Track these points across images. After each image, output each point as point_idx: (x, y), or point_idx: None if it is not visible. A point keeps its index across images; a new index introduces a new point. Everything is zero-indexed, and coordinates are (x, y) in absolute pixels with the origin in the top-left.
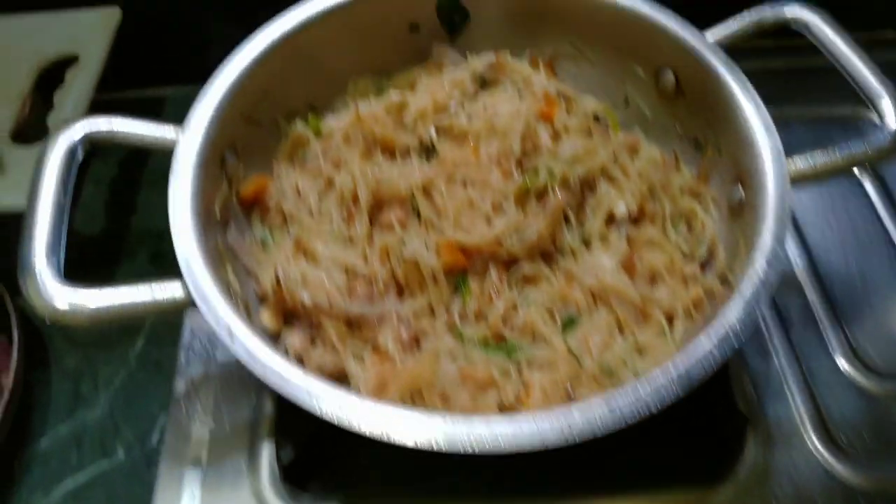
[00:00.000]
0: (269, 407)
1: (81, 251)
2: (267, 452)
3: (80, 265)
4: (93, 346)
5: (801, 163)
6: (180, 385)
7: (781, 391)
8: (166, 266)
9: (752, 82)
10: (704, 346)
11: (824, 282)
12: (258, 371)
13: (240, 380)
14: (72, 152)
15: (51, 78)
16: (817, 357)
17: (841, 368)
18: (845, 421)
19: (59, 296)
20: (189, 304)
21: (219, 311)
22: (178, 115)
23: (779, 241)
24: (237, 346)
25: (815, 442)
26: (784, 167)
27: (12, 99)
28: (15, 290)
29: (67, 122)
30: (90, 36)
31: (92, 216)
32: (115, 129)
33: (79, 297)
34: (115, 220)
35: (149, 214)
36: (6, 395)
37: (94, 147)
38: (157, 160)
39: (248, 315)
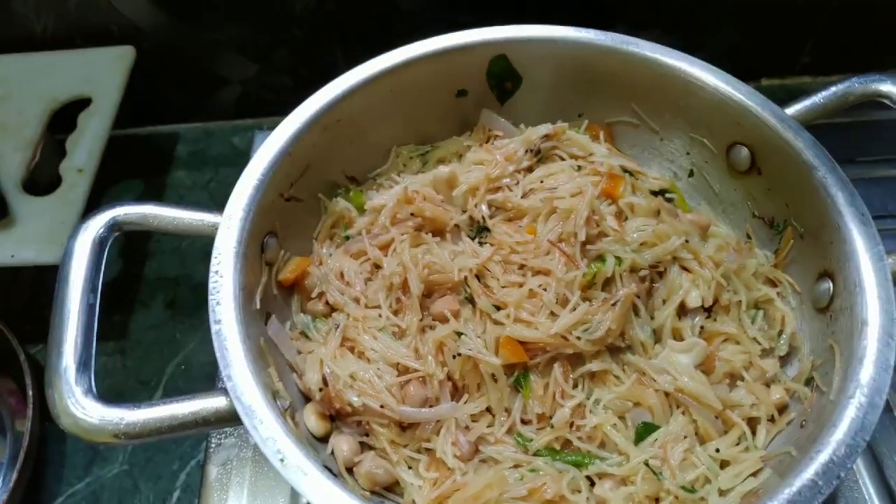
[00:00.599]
0: (304, 501)
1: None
2: None
3: None
4: (111, 398)
5: None
6: (212, 472)
7: None
8: (182, 315)
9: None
10: (808, 475)
11: None
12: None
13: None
14: (100, 245)
15: (63, 121)
16: None
17: None
18: None
19: (92, 415)
20: (234, 419)
21: (269, 432)
22: (189, 153)
23: (885, 359)
24: (289, 473)
25: None
26: (887, 270)
27: (23, 145)
28: (25, 338)
29: (94, 213)
30: (103, 77)
31: (106, 263)
32: (149, 214)
33: (113, 415)
34: (128, 267)
35: (162, 260)
36: (21, 455)
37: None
38: (168, 201)
39: (293, 416)
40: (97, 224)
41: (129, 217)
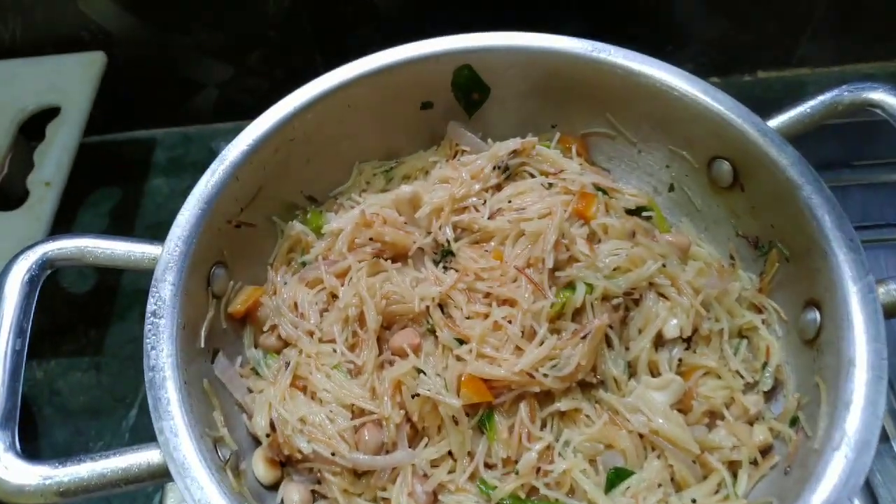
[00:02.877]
0: None
1: (69, 314)
2: None
3: (68, 329)
4: (83, 416)
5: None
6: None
7: None
8: None
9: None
10: None
11: None
12: None
13: None
14: (30, 284)
15: (32, 130)
16: None
17: None
18: None
19: (16, 475)
20: (168, 475)
21: (201, 494)
22: (167, 159)
23: (873, 407)
24: None
25: None
26: (877, 304)
27: None
28: None
29: (25, 250)
30: (73, 84)
31: (80, 274)
32: (83, 248)
33: (37, 475)
34: (105, 280)
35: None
36: None
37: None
38: (146, 209)
39: (236, 466)
40: (27, 262)
41: (62, 253)
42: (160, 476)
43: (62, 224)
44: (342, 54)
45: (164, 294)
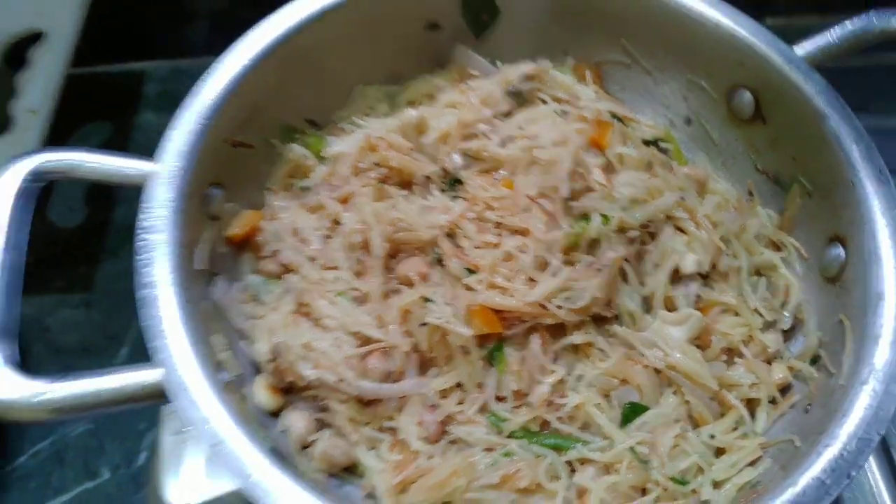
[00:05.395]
0: None
1: (58, 248)
2: None
3: (57, 264)
4: (75, 353)
5: None
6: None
7: None
8: None
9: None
10: (814, 473)
11: None
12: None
13: None
14: (24, 197)
15: (13, 58)
16: None
17: None
18: None
19: (13, 389)
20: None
21: (203, 412)
22: (157, 93)
23: None
24: (226, 460)
25: None
26: None
27: None
28: None
29: (13, 160)
30: (58, 9)
31: (69, 208)
32: (76, 162)
33: (35, 389)
34: (95, 214)
35: (132, 206)
36: None
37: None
38: (136, 143)
39: (239, 390)
40: (19, 173)
41: (54, 165)
42: (156, 397)
43: None
44: None
45: (158, 210)
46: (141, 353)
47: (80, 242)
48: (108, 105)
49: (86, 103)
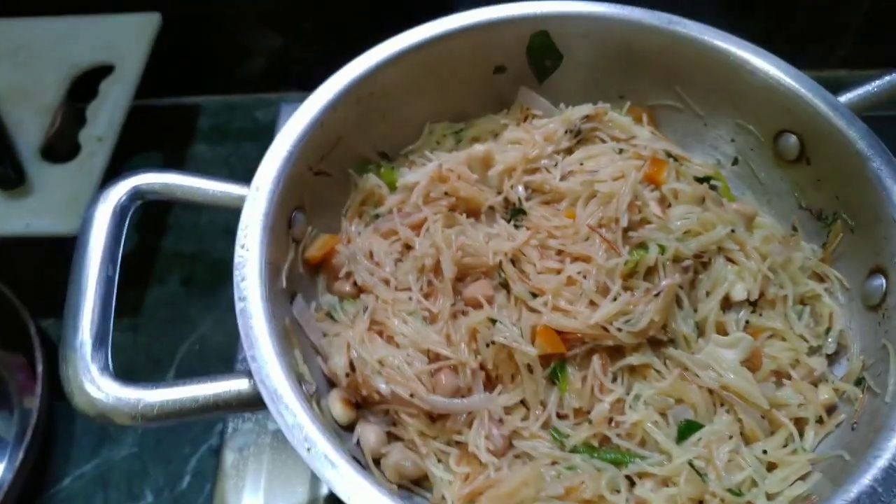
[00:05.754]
0: (326, 490)
1: None
2: None
3: None
4: (122, 375)
5: None
6: (229, 458)
7: None
8: (198, 292)
9: None
10: (866, 481)
11: None
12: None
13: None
14: (121, 214)
15: (83, 88)
16: None
17: None
18: None
19: (109, 395)
20: (257, 404)
21: (295, 419)
22: (210, 126)
23: None
24: (316, 463)
25: None
26: None
27: (42, 111)
28: (37, 311)
29: (116, 180)
30: (127, 43)
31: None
32: (173, 183)
33: (130, 395)
34: (145, 241)
35: (180, 235)
36: (29, 431)
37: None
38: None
39: (318, 402)
40: (119, 192)
41: (152, 185)
42: (247, 405)
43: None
44: (396, 25)
45: (253, 228)
46: (185, 377)
47: (130, 268)
48: (162, 136)
49: (142, 133)
